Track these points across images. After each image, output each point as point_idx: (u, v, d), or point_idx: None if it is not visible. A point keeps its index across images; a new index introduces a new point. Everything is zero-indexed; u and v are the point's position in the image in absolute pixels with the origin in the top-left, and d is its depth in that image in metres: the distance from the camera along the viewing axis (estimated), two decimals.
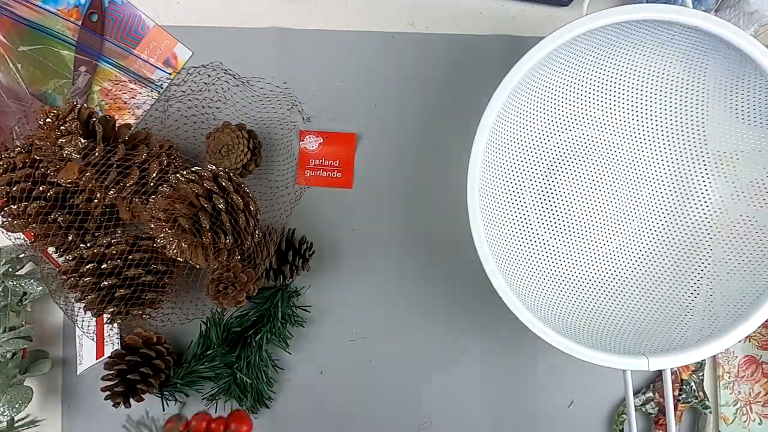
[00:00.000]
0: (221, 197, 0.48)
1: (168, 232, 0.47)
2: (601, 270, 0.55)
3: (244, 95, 0.58)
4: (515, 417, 0.58)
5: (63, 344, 0.59)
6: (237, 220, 0.49)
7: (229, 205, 0.49)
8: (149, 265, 0.51)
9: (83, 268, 0.50)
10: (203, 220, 0.47)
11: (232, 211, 0.49)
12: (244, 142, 0.54)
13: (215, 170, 0.50)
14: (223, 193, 0.49)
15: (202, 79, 0.57)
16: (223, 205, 0.48)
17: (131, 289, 0.51)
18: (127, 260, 0.51)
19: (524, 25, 0.59)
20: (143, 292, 0.52)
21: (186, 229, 0.47)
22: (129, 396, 0.54)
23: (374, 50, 0.59)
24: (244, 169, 0.55)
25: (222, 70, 0.57)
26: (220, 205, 0.48)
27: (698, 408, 0.57)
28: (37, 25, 0.58)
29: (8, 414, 0.53)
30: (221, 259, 0.49)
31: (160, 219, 0.47)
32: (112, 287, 0.50)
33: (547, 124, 0.54)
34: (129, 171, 0.50)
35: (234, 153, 0.54)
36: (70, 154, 0.48)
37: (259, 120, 0.59)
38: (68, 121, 0.48)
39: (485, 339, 0.58)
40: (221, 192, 0.49)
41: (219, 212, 0.48)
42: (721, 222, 0.51)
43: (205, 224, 0.47)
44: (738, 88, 0.48)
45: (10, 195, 0.50)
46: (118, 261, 0.50)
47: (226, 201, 0.49)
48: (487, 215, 0.49)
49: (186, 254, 0.48)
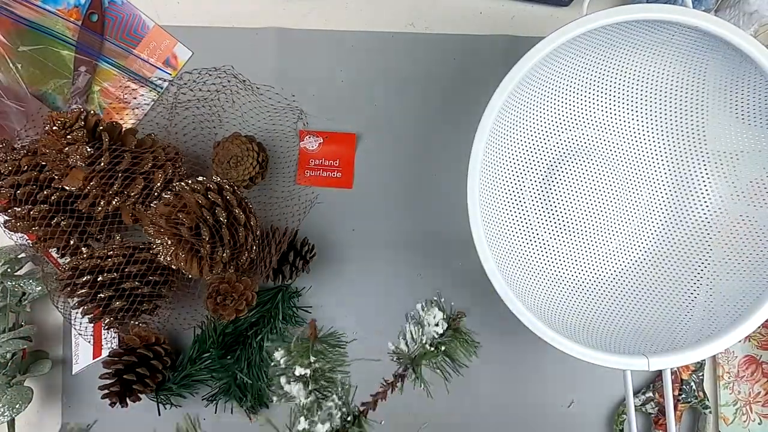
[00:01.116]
0: (224, 210, 0.48)
1: (166, 240, 0.47)
2: (601, 270, 0.55)
3: (250, 100, 0.58)
4: (515, 417, 0.58)
5: (63, 344, 0.59)
6: (237, 234, 0.49)
7: (230, 219, 0.49)
8: (146, 277, 0.51)
9: (79, 280, 0.50)
10: (203, 232, 0.47)
11: (234, 225, 0.49)
12: (254, 155, 0.54)
13: (221, 183, 0.50)
14: (226, 206, 0.49)
15: (212, 81, 0.57)
16: (224, 218, 0.48)
17: (128, 301, 0.51)
18: (123, 273, 0.50)
19: (524, 25, 0.59)
20: (140, 303, 0.52)
21: (185, 238, 0.47)
22: (125, 396, 0.54)
23: (374, 50, 0.59)
24: (250, 182, 0.55)
25: (232, 74, 0.57)
26: (222, 218, 0.48)
27: (698, 408, 0.57)
28: (37, 25, 0.58)
29: (8, 414, 0.53)
30: (215, 271, 0.49)
31: (161, 226, 0.47)
32: (108, 298, 0.50)
33: (547, 124, 0.54)
34: (133, 180, 0.49)
35: (242, 165, 0.54)
36: (76, 162, 0.48)
37: (265, 131, 0.59)
38: (75, 129, 0.48)
39: (485, 339, 0.58)
40: (224, 205, 0.49)
41: (220, 225, 0.48)
42: (721, 222, 0.51)
43: (205, 236, 0.47)
44: (738, 88, 0.48)
45: (14, 197, 0.50)
46: (114, 274, 0.50)
47: (228, 215, 0.48)
48: (487, 215, 0.49)
49: (181, 263, 0.48)
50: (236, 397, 0.57)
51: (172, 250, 0.48)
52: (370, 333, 0.58)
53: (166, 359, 0.55)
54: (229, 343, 0.57)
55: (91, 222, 0.52)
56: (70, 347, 0.58)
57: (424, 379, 0.54)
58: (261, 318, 0.57)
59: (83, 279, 0.50)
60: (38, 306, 0.59)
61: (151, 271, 0.51)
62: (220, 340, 0.56)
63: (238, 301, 0.53)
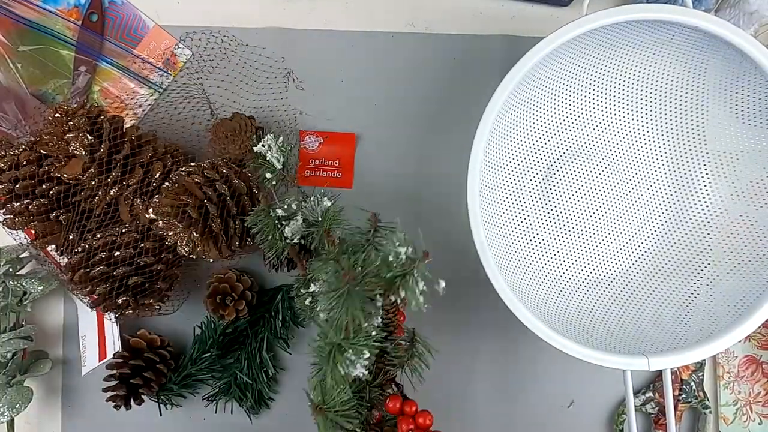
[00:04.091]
0: (224, 183, 0.48)
1: (177, 227, 0.47)
2: (601, 270, 0.55)
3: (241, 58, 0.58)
4: (515, 417, 0.58)
5: (63, 344, 0.59)
6: (242, 203, 0.49)
7: (232, 191, 0.49)
8: (161, 254, 0.51)
9: (95, 258, 0.50)
10: (210, 208, 0.47)
11: (237, 195, 0.49)
12: (251, 128, 0.54)
13: (214, 161, 0.50)
14: (224, 179, 0.49)
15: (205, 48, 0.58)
16: (226, 190, 0.48)
17: (145, 276, 0.50)
18: (138, 248, 0.50)
19: (524, 25, 0.59)
20: (155, 280, 0.51)
21: (195, 218, 0.47)
22: (130, 399, 0.54)
23: (374, 50, 0.59)
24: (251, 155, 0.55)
25: (223, 36, 0.57)
26: (224, 191, 0.48)
27: (698, 408, 0.57)
28: (37, 25, 0.58)
29: (8, 414, 0.53)
30: (233, 246, 0.49)
31: (168, 213, 0.47)
32: (123, 276, 0.50)
33: (547, 124, 0.54)
34: (132, 170, 0.50)
35: (240, 138, 0.53)
36: (76, 149, 0.48)
37: (260, 108, 0.58)
38: (77, 117, 0.49)
39: (485, 339, 0.58)
40: (222, 179, 0.49)
41: (224, 199, 0.48)
42: (721, 222, 0.51)
43: (213, 211, 0.47)
44: (738, 88, 0.48)
45: (13, 192, 0.50)
46: (129, 249, 0.50)
47: (229, 186, 0.48)
48: (487, 215, 0.49)
49: (198, 247, 0.48)
50: (236, 397, 0.57)
51: (186, 238, 0.47)
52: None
53: (171, 362, 0.55)
54: (228, 343, 0.57)
55: (90, 218, 0.52)
56: (75, 348, 0.58)
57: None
58: (261, 318, 0.57)
59: (99, 256, 0.49)
60: (39, 306, 0.59)
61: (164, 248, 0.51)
62: (220, 340, 0.56)
63: (238, 301, 0.53)
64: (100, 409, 0.58)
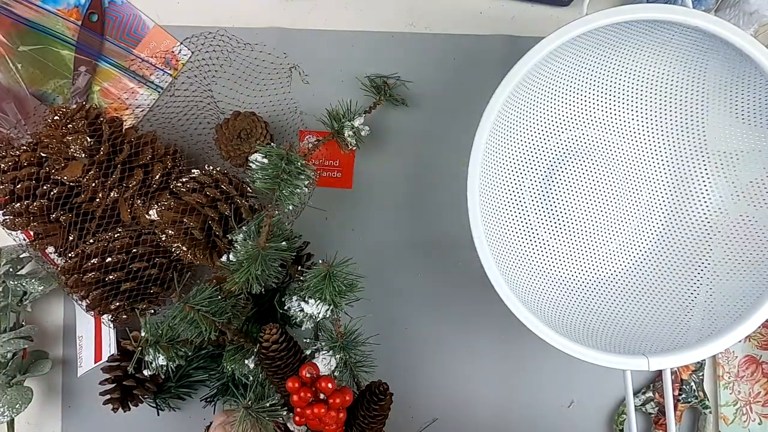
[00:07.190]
0: (224, 203, 0.48)
1: (182, 248, 0.48)
2: (601, 270, 0.55)
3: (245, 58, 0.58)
4: (515, 417, 0.58)
5: (63, 344, 0.59)
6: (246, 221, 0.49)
7: (234, 209, 0.49)
8: (153, 259, 0.51)
9: (87, 264, 0.50)
10: (215, 228, 0.48)
11: (240, 211, 0.49)
12: (262, 125, 0.54)
13: (215, 174, 0.50)
14: (226, 198, 0.49)
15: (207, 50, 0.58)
16: (228, 211, 0.48)
17: (136, 282, 0.50)
18: (130, 253, 0.50)
19: (524, 25, 0.59)
20: (148, 285, 0.51)
21: (199, 240, 0.47)
22: (126, 401, 0.54)
23: (374, 50, 0.59)
24: None
25: (223, 35, 0.57)
26: (227, 212, 0.48)
27: (698, 408, 0.57)
28: (37, 25, 0.58)
29: (8, 414, 0.53)
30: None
31: (172, 234, 0.47)
32: (116, 281, 0.50)
33: (547, 124, 0.54)
34: (132, 172, 0.50)
35: (253, 137, 0.53)
36: (76, 152, 0.48)
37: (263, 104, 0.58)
38: (76, 119, 0.49)
39: (485, 339, 0.58)
40: (224, 197, 0.49)
41: (227, 218, 0.48)
42: (721, 222, 0.51)
43: (218, 231, 0.48)
44: (738, 88, 0.48)
45: (14, 193, 0.50)
46: (122, 255, 0.50)
47: (230, 205, 0.49)
48: (487, 215, 0.49)
49: (201, 259, 0.48)
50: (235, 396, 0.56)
51: (190, 253, 0.48)
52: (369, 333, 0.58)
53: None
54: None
55: (90, 218, 0.52)
56: (74, 348, 0.58)
57: None
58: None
59: (92, 262, 0.49)
60: (39, 306, 0.59)
61: (157, 253, 0.52)
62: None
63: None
64: (100, 409, 0.57)
